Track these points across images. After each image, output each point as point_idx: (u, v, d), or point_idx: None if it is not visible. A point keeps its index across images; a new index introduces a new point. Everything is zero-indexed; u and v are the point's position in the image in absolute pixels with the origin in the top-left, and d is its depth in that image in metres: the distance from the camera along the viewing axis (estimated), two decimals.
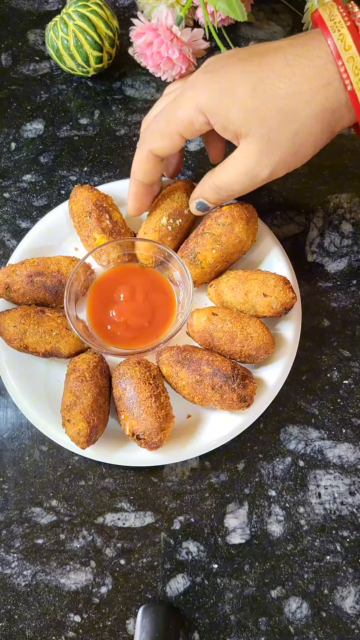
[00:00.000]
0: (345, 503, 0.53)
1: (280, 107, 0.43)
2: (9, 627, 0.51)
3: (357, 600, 0.51)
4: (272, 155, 0.45)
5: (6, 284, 0.56)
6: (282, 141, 0.44)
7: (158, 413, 0.50)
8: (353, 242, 0.63)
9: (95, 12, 0.65)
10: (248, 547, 0.52)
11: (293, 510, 0.53)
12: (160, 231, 0.57)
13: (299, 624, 0.50)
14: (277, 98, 0.43)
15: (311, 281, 0.61)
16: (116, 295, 0.57)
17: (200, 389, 0.52)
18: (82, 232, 0.59)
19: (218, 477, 0.55)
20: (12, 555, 0.53)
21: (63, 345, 0.54)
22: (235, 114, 0.44)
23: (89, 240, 0.58)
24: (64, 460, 0.55)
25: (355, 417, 0.56)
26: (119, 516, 0.54)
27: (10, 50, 0.75)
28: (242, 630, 0.50)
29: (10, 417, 0.57)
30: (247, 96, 0.43)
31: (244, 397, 0.51)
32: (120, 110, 0.71)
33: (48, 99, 0.72)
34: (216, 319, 0.53)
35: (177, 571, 0.52)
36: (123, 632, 0.50)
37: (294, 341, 0.56)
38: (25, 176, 0.68)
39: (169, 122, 0.48)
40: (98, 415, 0.51)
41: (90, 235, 0.58)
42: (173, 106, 0.48)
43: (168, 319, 0.57)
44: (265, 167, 0.46)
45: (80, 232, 0.59)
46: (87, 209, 0.58)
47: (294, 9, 0.73)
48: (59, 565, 0.52)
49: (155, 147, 0.50)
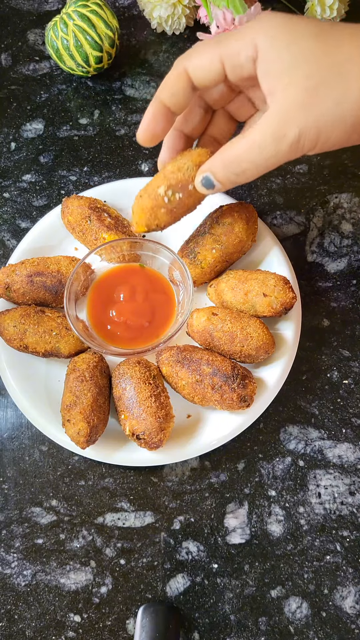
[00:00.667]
0: (345, 503, 0.53)
1: (338, 66, 0.38)
2: (9, 627, 0.51)
3: (357, 600, 0.51)
4: (309, 111, 0.39)
5: (6, 283, 0.56)
6: (327, 102, 0.38)
7: (158, 413, 0.50)
8: (353, 242, 0.63)
9: (95, 12, 0.65)
10: (248, 547, 0.52)
11: (293, 510, 0.53)
12: (155, 199, 0.48)
13: (299, 624, 0.50)
14: (339, 58, 0.38)
15: (311, 281, 0.61)
16: (116, 295, 0.57)
17: (200, 388, 0.52)
18: (87, 237, 0.59)
19: (218, 477, 0.55)
20: (12, 555, 0.53)
21: (63, 345, 0.54)
22: (288, 56, 0.39)
23: (98, 242, 0.58)
24: (64, 460, 0.55)
25: (355, 417, 0.56)
26: (119, 516, 0.54)
27: (10, 50, 0.75)
28: (242, 630, 0.50)
29: (10, 417, 0.57)
30: (307, 45, 0.39)
31: (244, 397, 0.51)
32: (120, 110, 0.71)
33: (48, 99, 0.72)
34: (216, 319, 0.53)
35: (177, 571, 0.52)
36: (123, 632, 0.50)
37: (293, 341, 0.56)
38: (25, 176, 0.68)
39: (218, 43, 0.42)
40: (98, 415, 0.51)
41: (98, 237, 0.58)
42: (229, 33, 0.42)
43: (168, 319, 0.57)
44: (295, 125, 0.39)
45: (85, 238, 0.59)
46: (84, 215, 0.58)
47: (294, 9, 0.73)
48: (59, 565, 0.52)
49: (193, 64, 0.43)
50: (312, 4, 0.68)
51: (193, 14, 0.72)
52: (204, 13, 0.69)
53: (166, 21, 0.71)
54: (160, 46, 0.74)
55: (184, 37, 0.74)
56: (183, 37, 0.74)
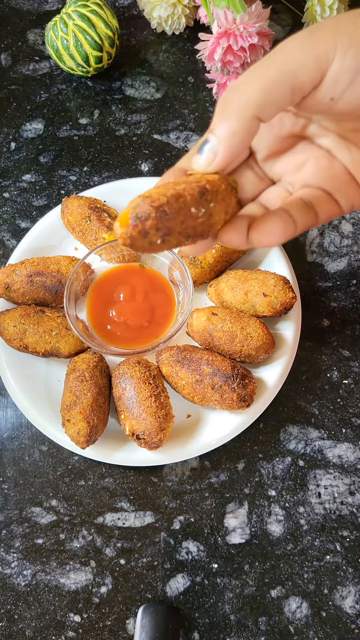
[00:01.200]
0: (345, 503, 0.53)
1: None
2: (9, 627, 0.51)
3: (357, 600, 0.51)
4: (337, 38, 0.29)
5: (6, 283, 0.56)
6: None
7: (158, 413, 0.50)
8: (353, 242, 0.63)
9: (95, 12, 0.65)
10: (248, 546, 0.52)
11: (293, 510, 0.53)
12: None
13: (299, 624, 0.50)
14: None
15: (311, 281, 0.61)
16: (116, 295, 0.57)
17: (200, 388, 0.52)
18: (87, 237, 0.59)
19: (218, 477, 0.55)
20: (12, 555, 0.53)
21: (63, 345, 0.54)
22: None
23: (98, 242, 0.58)
24: (63, 460, 0.55)
25: (355, 416, 0.56)
26: (119, 516, 0.54)
27: (10, 50, 0.75)
28: (242, 630, 0.50)
29: (10, 417, 0.57)
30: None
31: (243, 396, 0.51)
32: (120, 110, 0.71)
33: (48, 99, 0.71)
34: (216, 319, 0.53)
35: (177, 571, 0.52)
36: (123, 631, 0.50)
37: (293, 341, 0.56)
38: (25, 176, 0.68)
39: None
40: (98, 415, 0.51)
41: (99, 237, 0.58)
42: None
43: (168, 319, 0.57)
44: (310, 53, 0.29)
45: (85, 238, 0.59)
46: (84, 215, 0.58)
47: (294, 8, 0.73)
48: (59, 565, 0.52)
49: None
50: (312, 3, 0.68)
51: (193, 14, 0.72)
52: (203, 13, 0.69)
53: (166, 21, 0.71)
54: (160, 46, 0.74)
55: (183, 37, 0.74)
56: (183, 37, 0.74)
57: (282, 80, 0.29)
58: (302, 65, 0.29)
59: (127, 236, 0.28)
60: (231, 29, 0.61)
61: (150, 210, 0.28)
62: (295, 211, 0.33)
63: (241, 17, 0.61)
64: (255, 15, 0.62)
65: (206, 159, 0.31)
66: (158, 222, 0.28)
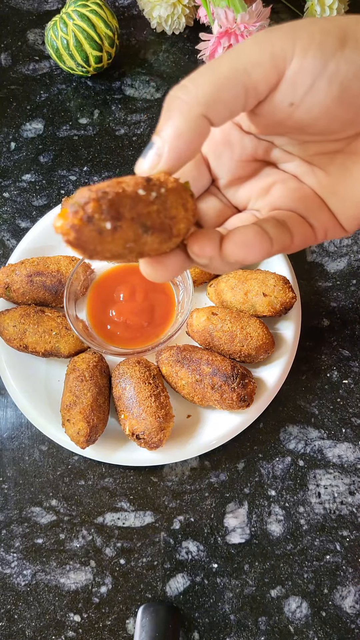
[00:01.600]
0: (345, 503, 0.53)
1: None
2: (9, 626, 0.51)
3: (356, 600, 0.51)
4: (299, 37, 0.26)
5: (6, 283, 0.56)
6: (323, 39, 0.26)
7: (158, 413, 0.50)
8: (353, 242, 0.63)
9: (94, 12, 0.65)
10: (248, 546, 0.52)
11: (293, 509, 0.53)
12: None
13: (298, 624, 0.50)
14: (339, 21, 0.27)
15: (311, 281, 0.61)
16: (116, 295, 0.57)
17: (200, 388, 0.52)
18: None
19: (218, 477, 0.55)
20: (12, 555, 0.53)
21: (63, 345, 0.54)
22: None
23: None
24: (63, 460, 0.55)
25: (355, 416, 0.56)
26: (119, 516, 0.54)
27: (10, 50, 0.75)
28: (242, 629, 0.50)
29: (10, 416, 0.57)
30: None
31: (243, 396, 0.51)
32: (120, 110, 0.71)
33: (48, 99, 0.71)
34: (216, 319, 0.53)
35: (177, 571, 0.52)
36: (123, 631, 0.50)
37: (293, 341, 0.56)
38: (25, 176, 0.68)
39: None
40: (98, 415, 0.51)
41: None
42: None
43: (168, 319, 0.57)
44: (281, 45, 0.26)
45: None
46: None
47: (294, 8, 0.73)
48: (59, 565, 0.52)
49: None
50: (312, 3, 0.68)
51: (193, 13, 0.72)
52: (203, 13, 0.69)
53: (166, 21, 0.71)
54: (160, 46, 0.74)
55: (183, 37, 0.74)
56: (183, 37, 0.74)
57: (233, 77, 0.26)
58: (257, 63, 0.26)
59: (69, 227, 0.23)
60: (232, 29, 0.62)
61: (89, 194, 0.23)
62: (270, 227, 0.29)
63: (242, 16, 0.61)
64: (255, 14, 0.62)
65: (150, 162, 0.28)
66: (101, 202, 0.23)
